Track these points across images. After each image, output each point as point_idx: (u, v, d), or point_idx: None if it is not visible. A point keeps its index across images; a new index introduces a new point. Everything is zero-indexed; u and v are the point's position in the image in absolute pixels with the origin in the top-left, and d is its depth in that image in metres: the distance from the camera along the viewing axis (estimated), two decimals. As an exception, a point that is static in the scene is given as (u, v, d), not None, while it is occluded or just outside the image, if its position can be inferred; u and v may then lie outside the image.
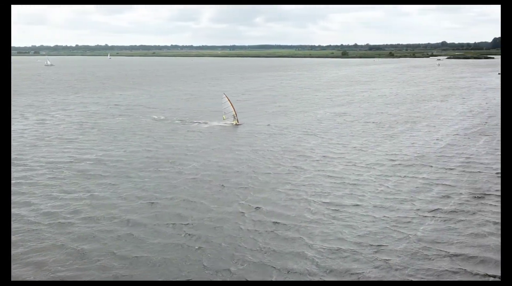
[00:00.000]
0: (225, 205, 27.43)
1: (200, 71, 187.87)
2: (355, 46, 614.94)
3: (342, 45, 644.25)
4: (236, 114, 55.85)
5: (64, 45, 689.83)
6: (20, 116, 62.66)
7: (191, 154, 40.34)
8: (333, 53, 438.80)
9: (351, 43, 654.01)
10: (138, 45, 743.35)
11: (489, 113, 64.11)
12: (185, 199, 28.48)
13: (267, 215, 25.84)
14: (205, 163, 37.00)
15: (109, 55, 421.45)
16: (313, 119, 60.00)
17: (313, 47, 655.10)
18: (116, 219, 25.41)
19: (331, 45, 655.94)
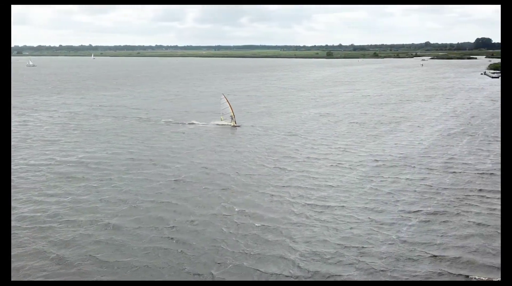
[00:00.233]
0: (208, 208, 27.20)
1: (185, 72, 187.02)
2: (340, 46, 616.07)
3: (326, 45, 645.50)
4: (234, 115, 55.32)
5: (47, 45, 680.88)
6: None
7: (174, 155, 40.04)
8: (318, 53, 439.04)
9: (335, 44, 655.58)
10: (122, 45, 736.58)
11: (472, 113, 64.60)
12: (167, 202, 28.19)
13: (250, 218, 25.67)
14: (188, 165, 36.72)
15: (93, 55, 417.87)
16: (298, 119, 59.96)
17: (298, 48, 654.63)
18: (97, 223, 25.05)
19: (316, 46, 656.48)
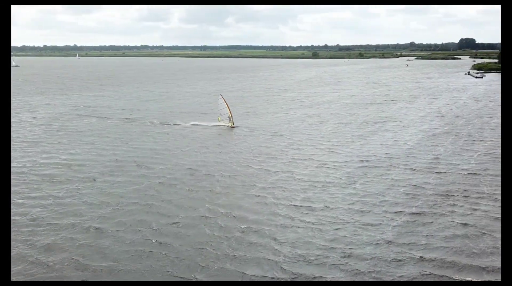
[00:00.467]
0: (192, 210, 26.94)
1: (170, 72, 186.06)
2: (325, 46, 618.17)
3: (312, 45, 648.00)
4: (231, 116, 54.75)
5: (31, 45, 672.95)
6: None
7: (158, 156, 39.70)
8: (303, 53, 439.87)
9: (321, 44, 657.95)
10: (107, 45, 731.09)
11: (456, 113, 65.00)
12: (151, 204, 27.87)
13: (234, 219, 25.47)
14: (173, 166, 36.41)
15: (78, 55, 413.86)
16: (283, 120, 59.86)
17: (284, 48, 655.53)
18: (79, 226, 24.68)
19: (301, 46, 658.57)
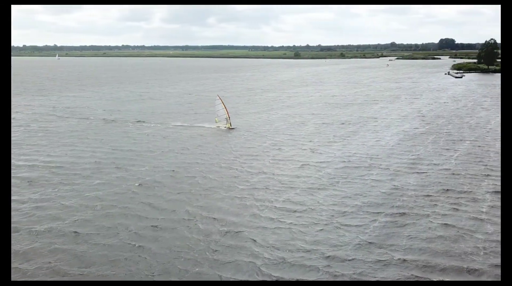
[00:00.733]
0: (171, 213, 26.54)
1: (151, 72, 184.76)
2: (307, 47, 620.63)
3: (294, 46, 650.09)
4: (229, 117, 54.10)
5: (11, 45, 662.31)
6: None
7: (138, 158, 39.15)
8: (285, 53, 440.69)
9: (303, 44, 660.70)
10: (88, 45, 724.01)
11: (436, 113, 65.44)
12: (130, 207, 27.38)
13: (214, 222, 25.12)
14: (153, 168, 35.91)
15: (58, 55, 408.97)
16: (265, 120, 59.63)
17: (266, 48, 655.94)
18: (57, 230, 24.12)
19: (283, 46, 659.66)
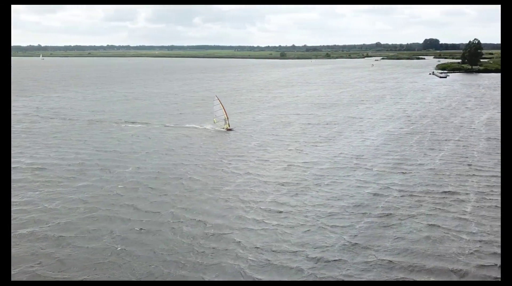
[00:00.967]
0: (156, 215, 26.22)
1: (136, 72, 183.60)
2: (293, 47, 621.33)
3: (280, 46, 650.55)
4: (227, 118, 53.66)
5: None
6: None
7: (122, 159, 38.73)
8: (271, 54, 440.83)
9: (289, 44, 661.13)
10: (73, 45, 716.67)
11: (421, 113, 65.77)
12: (114, 210, 27.02)
13: (198, 224, 24.87)
14: (137, 169, 35.54)
15: (42, 55, 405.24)
16: (251, 121, 59.46)
17: (252, 48, 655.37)
18: (38, 234, 23.70)
19: (269, 46, 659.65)
